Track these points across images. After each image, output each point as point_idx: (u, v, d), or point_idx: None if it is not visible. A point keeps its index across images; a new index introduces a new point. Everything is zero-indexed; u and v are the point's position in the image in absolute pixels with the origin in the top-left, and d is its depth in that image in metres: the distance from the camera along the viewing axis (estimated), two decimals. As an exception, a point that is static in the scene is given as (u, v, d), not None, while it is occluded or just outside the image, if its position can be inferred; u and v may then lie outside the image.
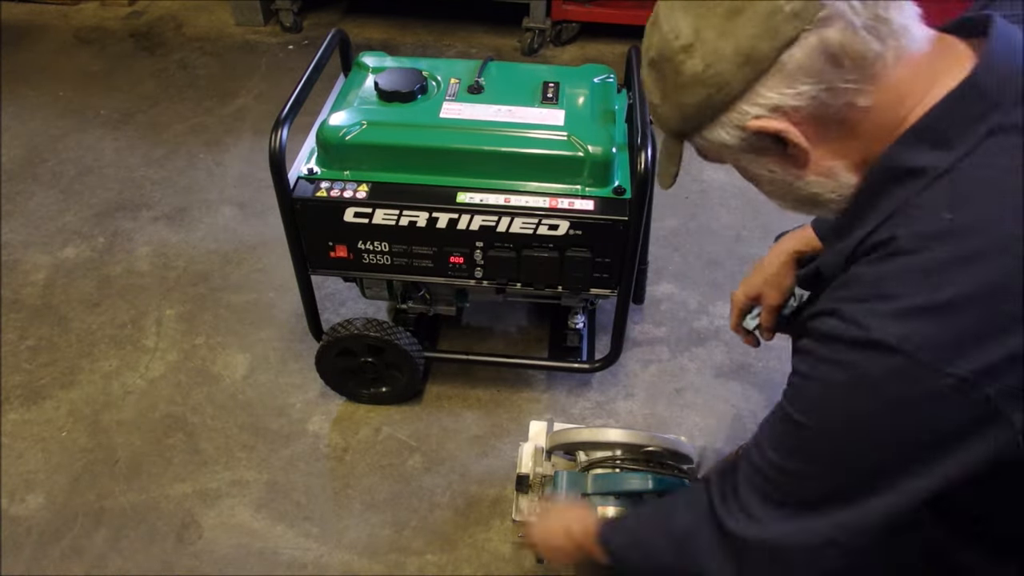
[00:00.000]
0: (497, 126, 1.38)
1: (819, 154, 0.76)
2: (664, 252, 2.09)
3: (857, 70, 0.69)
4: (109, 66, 2.85)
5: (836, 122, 0.73)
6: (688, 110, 0.77)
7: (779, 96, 0.71)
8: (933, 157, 0.71)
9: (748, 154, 0.79)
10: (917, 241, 0.69)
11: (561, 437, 1.38)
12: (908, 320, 0.67)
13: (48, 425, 1.68)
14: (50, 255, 2.08)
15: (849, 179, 0.77)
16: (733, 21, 0.70)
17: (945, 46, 0.75)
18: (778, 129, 0.73)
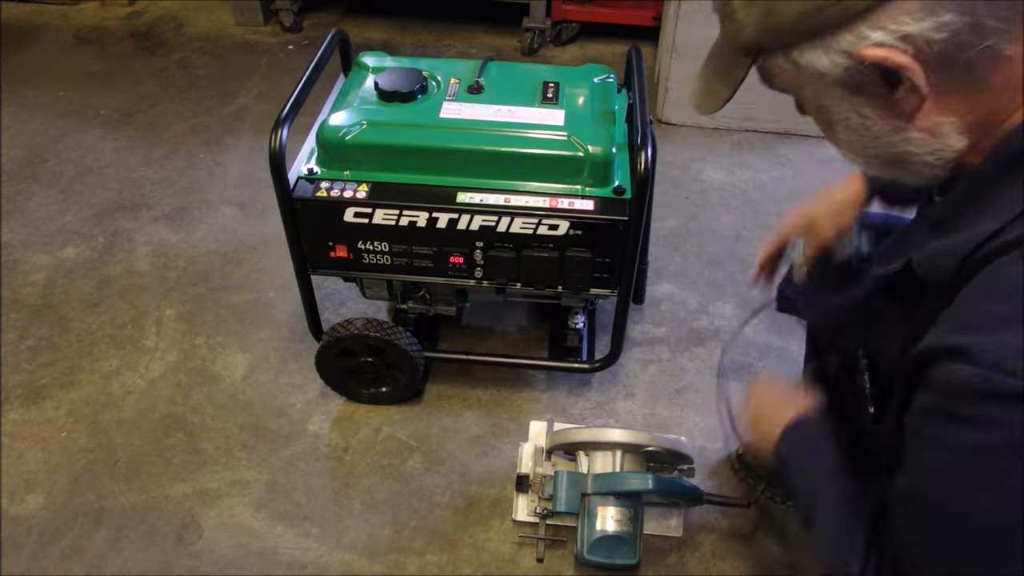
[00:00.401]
0: (497, 126, 1.38)
1: (931, 106, 0.61)
2: (664, 252, 2.09)
3: (1011, 8, 0.56)
4: (109, 66, 2.85)
5: (966, 69, 0.59)
6: (784, 19, 0.60)
7: (915, 24, 0.56)
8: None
9: (841, 90, 0.63)
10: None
11: (561, 437, 1.38)
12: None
13: (48, 425, 1.68)
14: (50, 255, 2.08)
15: (956, 142, 0.63)
16: None
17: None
18: (902, 64, 0.58)
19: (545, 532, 1.41)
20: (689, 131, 2.50)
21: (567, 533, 1.46)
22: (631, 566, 1.35)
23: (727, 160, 2.38)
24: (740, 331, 1.07)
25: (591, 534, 1.31)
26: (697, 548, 1.49)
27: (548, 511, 1.40)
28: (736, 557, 1.47)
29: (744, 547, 1.49)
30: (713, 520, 1.52)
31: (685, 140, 2.47)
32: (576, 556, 1.37)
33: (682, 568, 1.46)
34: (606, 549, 1.31)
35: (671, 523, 1.44)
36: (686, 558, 1.47)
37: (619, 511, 1.32)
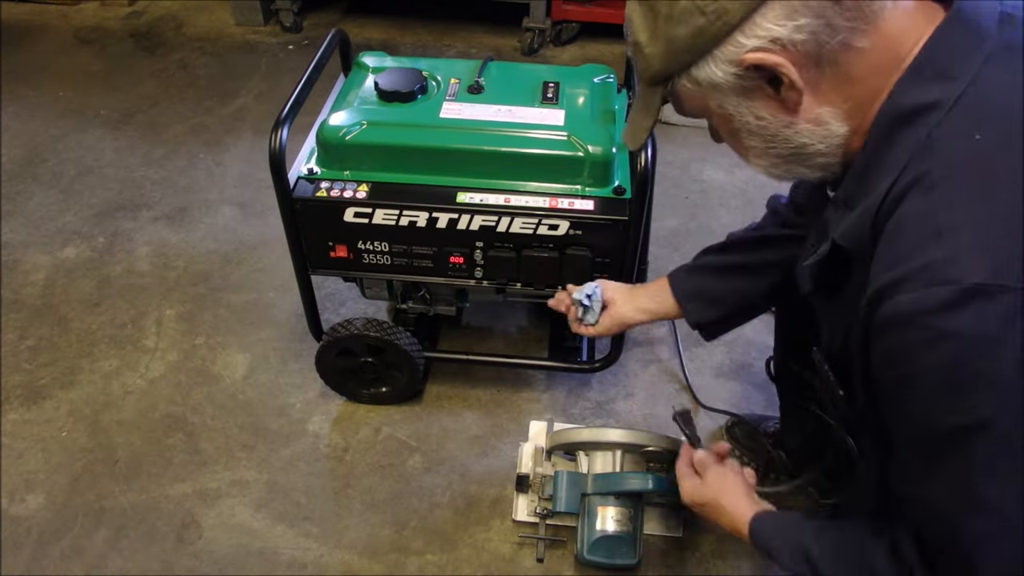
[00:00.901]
0: (497, 126, 1.38)
1: (810, 99, 0.73)
2: (664, 252, 2.09)
3: (856, 9, 0.68)
4: (109, 66, 2.85)
5: (830, 63, 0.70)
6: (679, 44, 0.73)
7: (779, 28, 0.68)
8: (940, 89, 0.69)
9: (736, 96, 0.75)
10: (953, 167, 0.65)
11: (561, 437, 1.38)
12: (988, 248, 0.61)
13: (48, 425, 1.68)
14: (50, 255, 2.08)
15: (839, 128, 0.75)
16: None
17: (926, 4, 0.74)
18: (776, 63, 0.70)
19: (545, 532, 1.41)
20: (689, 131, 2.50)
21: (567, 533, 1.46)
22: (631, 566, 1.35)
23: (727, 160, 2.38)
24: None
25: (591, 534, 1.31)
26: (697, 548, 1.49)
27: (548, 511, 1.40)
28: (736, 557, 1.47)
29: (744, 547, 1.49)
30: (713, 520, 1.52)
31: (685, 140, 2.47)
32: (576, 556, 1.37)
33: (682, 568, 1.46)
34: (606, 549, 1.31)
35: (671, 523, 1.44)
36: (686, 558, 1.47)
37: (619, 511, 1.32)
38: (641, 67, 0.79)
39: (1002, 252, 0.61)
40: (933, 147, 0.67)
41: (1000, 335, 0.60)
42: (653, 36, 0.75)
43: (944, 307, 0.61)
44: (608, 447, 1.34)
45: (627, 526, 1.31)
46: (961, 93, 0.68)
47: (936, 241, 0.62)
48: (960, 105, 0.68)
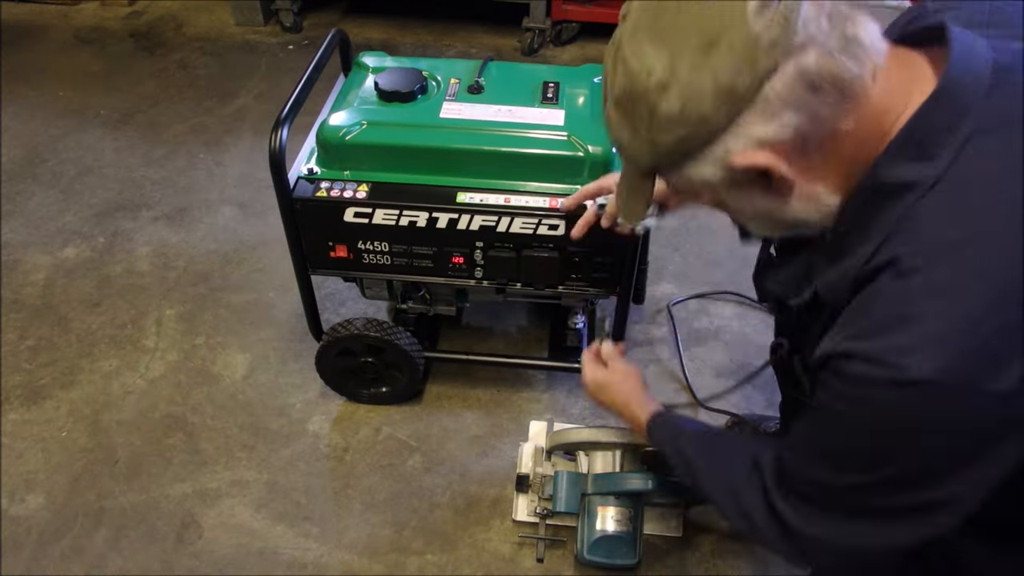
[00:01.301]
0: (497, 126, 1.38)
1: (802, 182, 0.74)
2: (664, 252, 2.09)
3: (837, 94, 0.68)
4: (109, 66, 2.85)
5: (818, 147, 0.72)
6: (664, 148, 0.73)
7: (763, 129, 0.69)
8: (919, 169, 0.70)
9: (730, 189, 0.76)
10: (925, 258, 0.68)
11: (561, 437, 1.38)
12: (938, 348, 0.66)
13: (48, 425, 1.68)
14: (50, 255, 2.08)
15: (832, 200, 0.76)
16: (709, 55, 0.67)
17: (907, 58, 0.75)
18: (764, 164, 0.71)
19: (545, 532, 1.41)
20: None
21: (567, 533, 1.46)
22: (631, 566, 1.35)
23: (727, 160, 2.38)
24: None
25: (591, 534, 1.31)
26: (697, 548, 1.49)
27: (548, 511, 1.40)
28: (736, 557, 1.47)
29: (744, 547, 1.49)
30: (713, 520, 1.52)
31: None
32: (576, 556, 1.37)
33: (682, 568, 1.46)
34: (606, 549, 1.31)
35: (671, 523, 1.44)
36: (686, 558, 1.47)
37: (619, 511, 1.32)
38: (628, 159, 0.80)
39: (950, 354, 0.66)
40: (910, 230, 0.70)
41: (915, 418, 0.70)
42: (635, 137, 0.75)
43: (884, 386, 0.68)
44: (608, 447, 1.34)
45: (627, 526, 1.31)
46: (939, 176, 0.69)
47: (897, 329, 0.68)
48: (938, 191, 0.69)
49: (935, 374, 0.65)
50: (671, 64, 0.68)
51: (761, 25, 0.65)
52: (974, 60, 0.71)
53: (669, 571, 1.46)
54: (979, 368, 0.65)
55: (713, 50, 0.67)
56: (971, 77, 0.71)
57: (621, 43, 0.73)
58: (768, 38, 0.65)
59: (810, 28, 0.66)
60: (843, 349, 0.72)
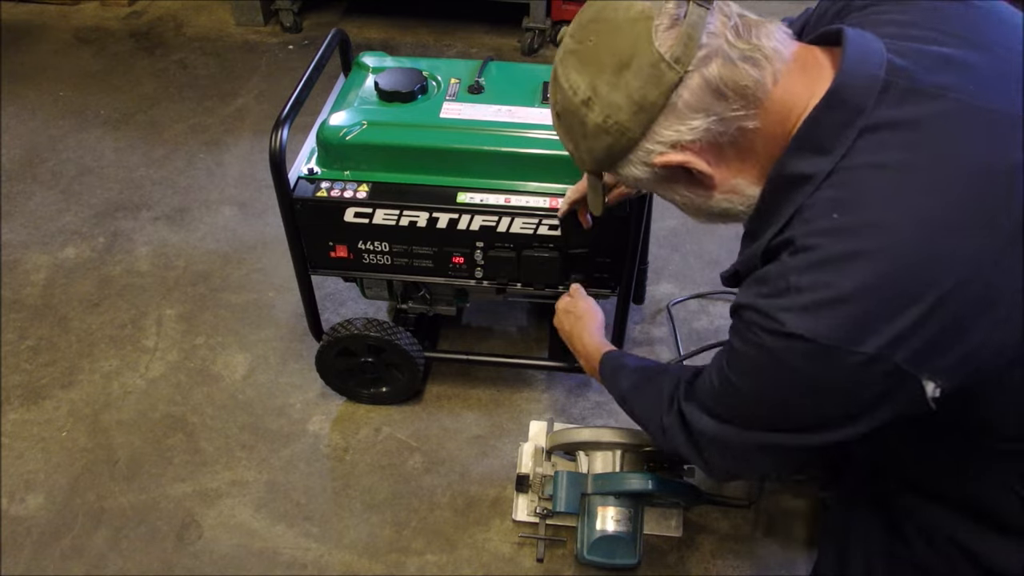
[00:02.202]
0: (497, 126, 1.38)
1: (722, 175, 0.84)
2: (664, 252, 2.09)
3: (741, 98, 0.77)
4: (109, 66, 2.85)
5: (731, 145, 0.81)
6: (598, 154, 0.84)
7: (675, 133, 0.79)
8: (815, 163, 0.79)
9: (660, 184, 0.87)
10: (812, 239, 0.77)
11: (561, 437, 1.38)
12: (814, 313, 0.76)
13: (48, 425, 1.68)
14: (50, 255, 2.08)
15: (753, 191, 0.85)
16: (621, 75, 0.78)
17: (811, 57, 0.82)
18: (681, 161, 0.81)
19: (545, 532, 1.41)
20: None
21: (567, 533, 1.46)
22: (631, 566, 1.34)
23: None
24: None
25: (591, 534, 1.31)
26: (697, 548, 1.49)
27: (548, 511, 1.40)
28: (736, 557, 1.47)
29: (744, 547, 1.49)
30: (713, 520, 1.52)
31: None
32: (576, 556, 1.37)
33: (682, 568, 1.46)
34: (606, 549, 1.31)
35: (671, 523, 1.44)
36: (686, 558, 1.47)
37: (619, 511, 1.32)
38: (577, 164, 0.91)
39: (823, 318, 0.75)
40: (803, 217, 0.79)
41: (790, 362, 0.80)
42: (577, 146, 0.86)
43: (773, 334, 0.79)
44: (608, 447, 1.34)
45: (627, 526, 1.31)
46: (832, 168, 0.78)
47: (784, 294, 0.78)
48: (830, 182, 0.78)
49: (805, 331, 0.76)
50: (592, 84, 0.80)
51: (666, 46, 0.75)
52: (867, 62, 0.78)
53: (669, 571, 1.46)
54: (846, 332, 0.74)
55: (625, 70, 0.77)
56: (864, 77, 0.78)
57: (556, 66, 0.85)
58: (672, 55, 0.75)
59: (713, 42, 0.76)
60: (746, 301, 0.83)
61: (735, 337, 0.87)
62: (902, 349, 0.74)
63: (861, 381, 0.77)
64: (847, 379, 0.77)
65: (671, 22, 0.76)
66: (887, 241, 0.74)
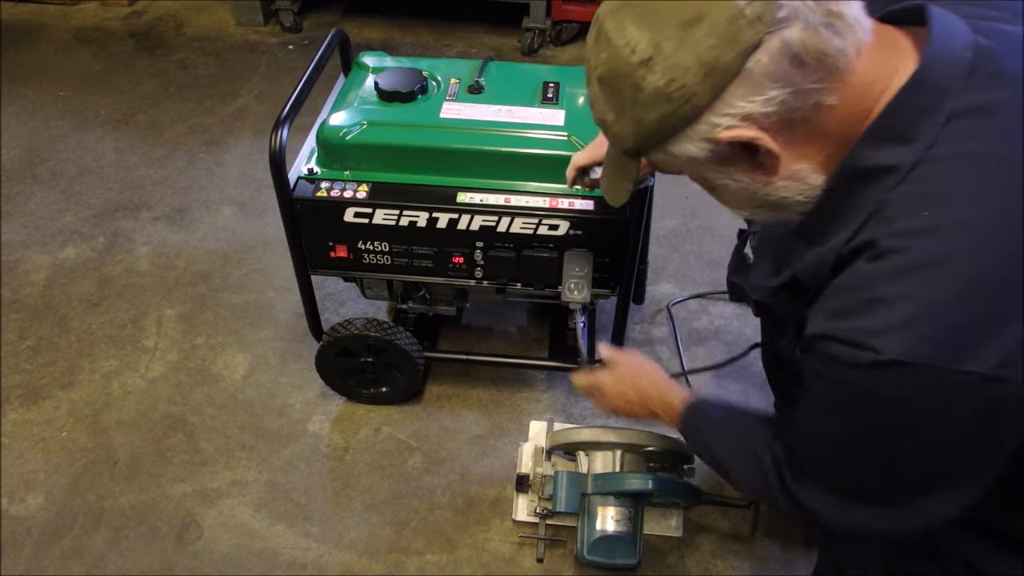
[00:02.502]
0: (497, 126, 1.38)
1: (787, 158, 0.74)
2: (664, 252, 2.09)
3: (822, 69, 0.68)
4: (109, 66, 2.85)
5: (802, 123, 0.72)
6: (649, 126, 0.73)
7: (749, 104, 0.69)
8: (897, 153, 0.71)
9: (714, 165, 0.76)
10: (898, 240, 0.69)
11: (561, 437, 1.38)
12: (913, 330, 0.66)
13: (48, 425, 1.68)
14: (50, 255, 2.08)
15: (816, 179, 0.76)
16: (691, 31, 0.67)
17: (889, 36, 0.74)
18: (751, 137, 0.71)
19: (545, 532, 1.41)
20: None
21: (567, 533, 1.46)
22: (631, 566, 1.35)
23: (727, 160, 2.38)
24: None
25: (591, 534, 1.31)
26: (697, 548, 1.49)
27: (548, 511, 1.40)
28: (736, 557, 1.47)
29: (744, 547, 1.49)
30: (713, 520, 1.52)
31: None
32: (576, 556, 1.37)
33: (682, 568, 1.46)
34: (606, 549, 1.31)
35: (671, 523, 1.44)
36: (686, 558, 1.47)
37: (619, 511, 1.32)
38: (613, 140, 0.80)
39: (924, 334, 0.67)
40: (885, 215, 0.71)
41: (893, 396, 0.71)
42: (620, 116, 0.75)
43: (864, 367, 0.69)
44: (608, 447, 1.34)
45: (627, 526, 1.31)
46: (917, 160, 0.70)
47: (871, 310, 0.69)
48: (915, 175, 0.70)
49: (909, 355, 0.66)
50: (654, 40, 0.68)
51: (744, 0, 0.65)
52: (954, 42, 0.71)
53: (669, 571, 1.46)
54: (952, 349, 0.66)
55: (696, 26, 0.67)
56: (950, 60, 0.71)
57: (603, 20, 0.73)
58: (751, 12, 0.65)
59: (794, 3, 0.66)
60: (822, 330, 0.73)
61: (815, 380, 0.76)
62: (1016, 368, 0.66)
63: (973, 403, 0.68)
64: (960, 403, 0.69)
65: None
66: (981, 241, 0.67)
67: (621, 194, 0.85)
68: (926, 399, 0.69)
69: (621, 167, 0.82)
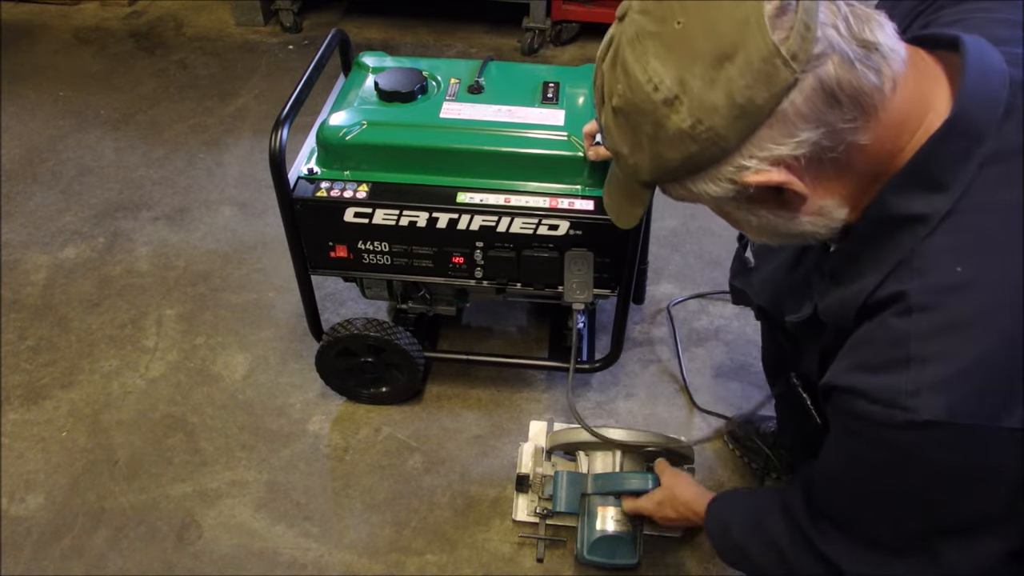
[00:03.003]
0: (497, 126, 1.38)
1: (813, 197, 0.70)
2: (664, 252, 2.09)
3: (856, 107, 0.64)
4: (109, 66, 2.85)
5: (834, 164, 0.68)
6: (670, 164, 0.69)
7: (779, 147, 0.65)
8: (929, 202, 0.68)
9: (737, 204, 0.73)
10: (932, 297, 0.66)
11: (561, 437, 1.38)
12: (949, 389, 0.64)
13: (48, 425, 1.68)
14: (50, 255, 2.08)
15: (840, 213, 0.73)
16: (723, 69, 0.62)
17: (924, 66, 0.71)
18: (780, 182, 0.67)
19: (545, 532, 1.41)
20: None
21: (567, 533, 1.46)
22: (631, 566, 1.35)
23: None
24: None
25: (591, 534, 1.31)
26: (697, 548, 1.48)
27: (548, 511, 1.40)
28: (736, 557, 1.47)
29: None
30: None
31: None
32: (576, 556, 1.37)
33: (682, 568, 1.46)
34: (606, 549, 1.31)
35: None
36: (686, 558, 1.47)
37: (619, 511, 1.32)
38: (626, 171, 0.75)
39: (960, 394, 0.64)
40: (916, 267, 0.68)
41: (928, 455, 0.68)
42: (636, 149, 0.71)
43: (897, 427, 0.67)
44: (608, 447, 1.34)
45: (627, 526, 1.31)
46: (950, 209, 0.67)
47: (904, 368, 0.66)
48: (947, 226, 0.67)
49: (945, 415, 0.64)
50: (680, 78, 0.64)
51: (780, 35, 0.61)
52: (989, 79, 0.68)
53: (669, 571, 1.46)
54: (989, 407, 0.64)
55: (728, 63, 0.62)
56: (986, 100, 0.67)
57: (622, 49, 0.69)
58: (787, 50, 0.61)
59: (828, 34, 0.61)
60: (848, 383, 0.70)
61: (844, 435, 0.74)
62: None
63: (1010, 462, 0.67)
64: (994, 462, 0.67)
65: (781, 7, 0.61)
66: (1020, 295, 0.64)
67: (631, 219, 0.82)
68: (962, 456, 0.67)
69: (633, 194, 0.79)
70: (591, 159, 1.33)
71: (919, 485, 0.71)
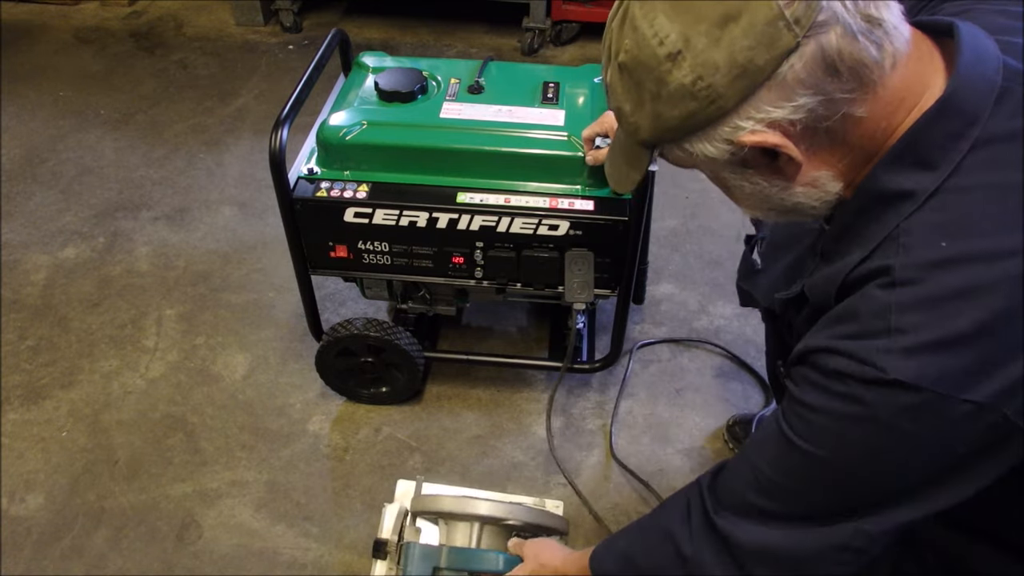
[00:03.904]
0: (497, 126, 1.38)
1: (807, 166, 0.72)
2: (664, 252, 2.09)
3: (855, 79, 0.66)
4: (109, 66, 2.85)
5: (828, 132, 0.70)
6: (669, 122, 0.71)
7: (776, 110, 0.67)
8: (918, 179, 0.69)
9: (731, 167, 0.74)
10: (916, 271, 0.68)
11: (424, 503, 1.22)
12: (922, 356, 0.66)
13: (48, 425, 1.68)
14: (50, 255, 2.08)
15: (834, 187, 0.75)
16: (727, 28, 0.64)
17: (925, 48, 0.72)
18: (776, 144, 0.69)
19: None
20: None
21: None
22: None
23: (727, 160, 2.38)
24: None
25: None
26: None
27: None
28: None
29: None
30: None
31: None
32: None
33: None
34: None
35: None
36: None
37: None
38: (627, 130, 0.77)
39: (932, 361, 0.66)
40: (901, 242, 0.69)
41: (885, 416, 0.69)
42: (638, 107, 0.72)
43: (865, 381, 0.68)
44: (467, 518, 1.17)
45: None
46: (937, 187, 0.69)
47: (884, 336, 0.68)
48: (934, 202, 0.69)
49: (913, 378, 0.66)
50: (685, 34, 0.66)
51: (785, 0, 0.63)
52: (983, 65, 0.70)
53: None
54: (958, 379, 0.66)
55: (732, 24, 0.64)
56: (979, 84, 0.69)
57: (631, 7, 0.70)
58: (791, 15, 0.63)
59: (834, 5, 0.63)
60: (825, 344, 0.72)
61: (807, 390, 0.74)
62: (1014, 399, 0.65)
63: (962, 435, 0.68)
64: (949, 432, 0.68)
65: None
66: (1003, 274, 0.65)
67: (628, 183, 0.82)
68: (916, 421, 0.68)
69: (632, 156, 0.79)
70: (589, 163, 1.33)
71: (868, 447, 0.71)
